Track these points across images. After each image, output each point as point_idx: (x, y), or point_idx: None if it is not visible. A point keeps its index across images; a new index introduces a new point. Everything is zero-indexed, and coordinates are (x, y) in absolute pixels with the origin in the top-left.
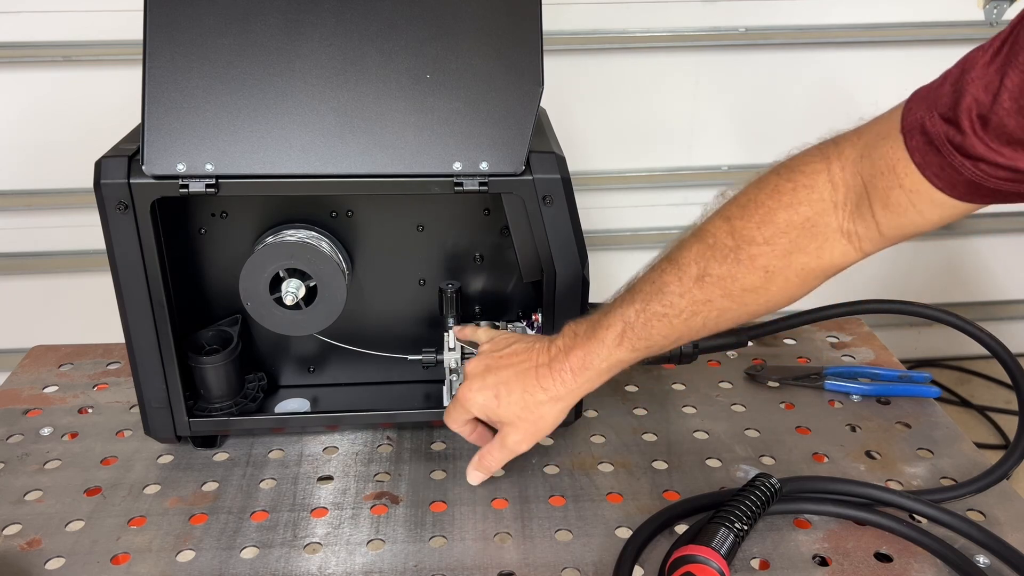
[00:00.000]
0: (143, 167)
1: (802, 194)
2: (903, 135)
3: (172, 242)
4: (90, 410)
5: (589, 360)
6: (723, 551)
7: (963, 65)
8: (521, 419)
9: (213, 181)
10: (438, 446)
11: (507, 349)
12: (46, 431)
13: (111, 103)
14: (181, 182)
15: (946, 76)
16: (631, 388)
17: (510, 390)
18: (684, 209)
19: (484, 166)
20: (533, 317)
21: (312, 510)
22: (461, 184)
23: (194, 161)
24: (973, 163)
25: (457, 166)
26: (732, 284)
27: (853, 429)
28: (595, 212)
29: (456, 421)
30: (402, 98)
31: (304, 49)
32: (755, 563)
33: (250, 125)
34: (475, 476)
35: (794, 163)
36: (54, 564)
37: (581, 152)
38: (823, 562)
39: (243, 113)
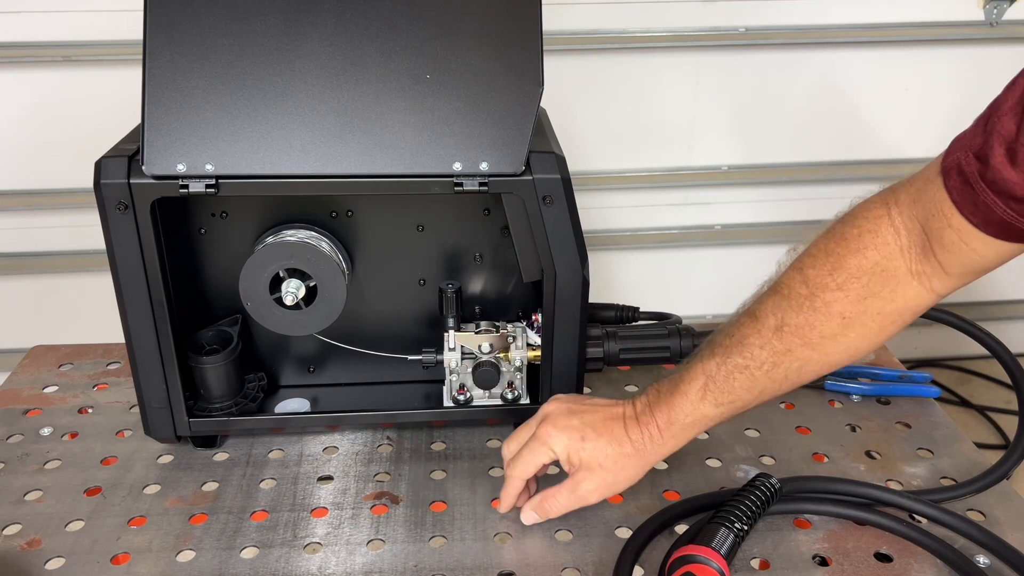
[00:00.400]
0: (143, 167)
1: (867, 239)
2: (942, 176)
3: (172, 242)
4: (90, 410)
5: (674, 415)
6: (723, 551)
7: (992, 106)
8: (602, 467)
9: (213, 181)
10: (438, 446)
11: (587, 400)
12: (46, 431)
13: (111, 103)
14: (181, 182)
15: (980, 118)
16: (631, 388)
17: (598, 434)
18: (684, 209)
19: (484, 166)
20: (533, 317)
21: (312, 510)
22: (461, 184)
23: (194, 161)
24: (1004, 200)
25: (457, 166)
26: (811, 332)
27: (853, 429)
28: (595, 212)
29: (530, 464)
30: (402, 98)
31: (304, 49)
32: (755, 563)
33: (250, 125)
34: (530, 516)
35: (856, 211)
36: (54, 564)
37: (581, 152)
38: (823, 562)
39: (243, 113)
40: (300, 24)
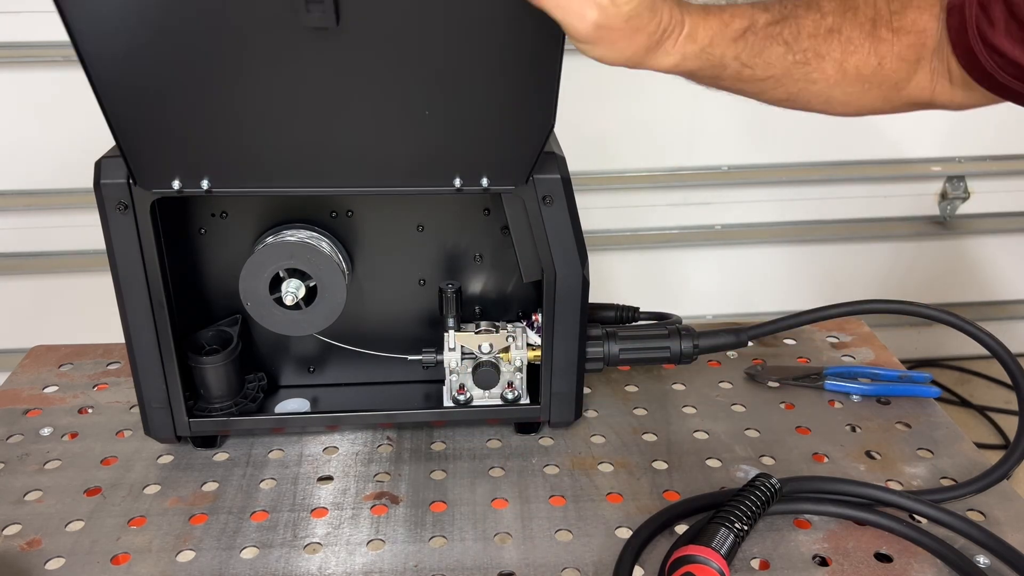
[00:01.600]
0: (138, 185)
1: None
2: (946, 11)
3: (172, 242)
4: (90, 410)
5: (695, 32)
6: (723, 551)
7: None
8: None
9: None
10: (438, 446)
11: None
12: (46, 431)
13: None
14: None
15: None
16: (631, 388)
17: None
18: (684, 209)
19: (485, 182)
20: (533, 317)
21: (312, 510)
22: (461, 188)
23: (187, 178)
24: (988, 52)
25: (457, 182)
26: (850, 56)
27: (853, 429)
28: (595, 212)
29: None
30: (408, 124)
31: (302, 61)
32: (755, 563)
33: (241, 139)
34: None
35: None
36: (54, 564)
37: (581, 152)
38: (823, 562)
39: (232, 126)
40: (297, 39)
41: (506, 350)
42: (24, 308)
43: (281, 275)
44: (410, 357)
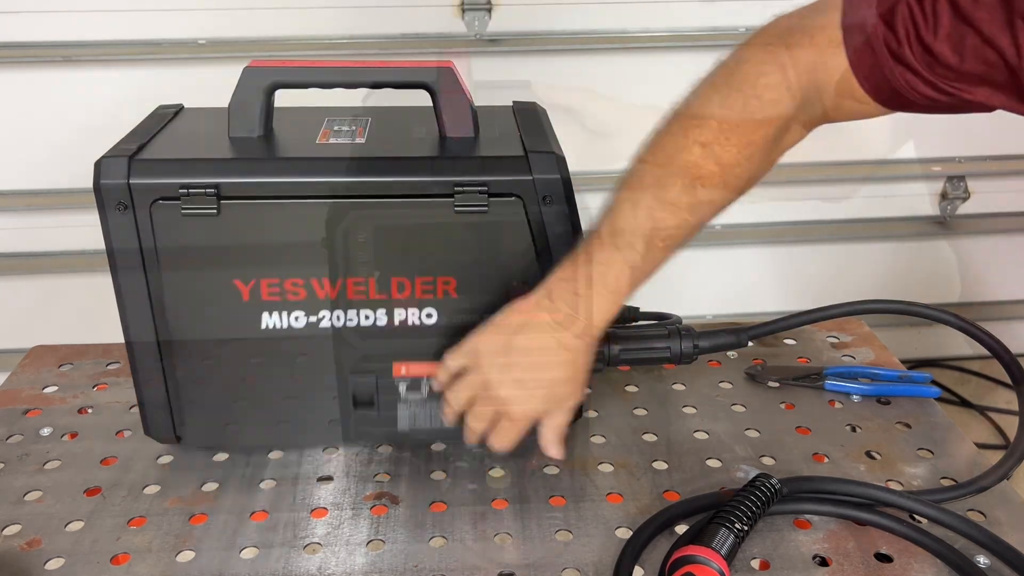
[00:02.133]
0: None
1: (770, 110)
2: (843, 30)
3: None
4: (90, 410)
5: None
6: (723, 551)
7: None
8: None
9: (215, 208)
10: (438, 446)
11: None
12: (46, 431)
13: (111, 103)
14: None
15: None
16: (631, 388)
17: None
18: None
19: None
20: None
21: (312, 510)
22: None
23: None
24: (901, 70)
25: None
26: (721, 203)
27: (853, 429)
28: (595, 212)
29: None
30: None
31: None
32: (755, 563)
33: None
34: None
35: (752, 77)
36: (54, 564)
37: (582, 152)
38: (823, 562)
39: None
40: None
41: None
42: (24, 308)
43: None
44: None
